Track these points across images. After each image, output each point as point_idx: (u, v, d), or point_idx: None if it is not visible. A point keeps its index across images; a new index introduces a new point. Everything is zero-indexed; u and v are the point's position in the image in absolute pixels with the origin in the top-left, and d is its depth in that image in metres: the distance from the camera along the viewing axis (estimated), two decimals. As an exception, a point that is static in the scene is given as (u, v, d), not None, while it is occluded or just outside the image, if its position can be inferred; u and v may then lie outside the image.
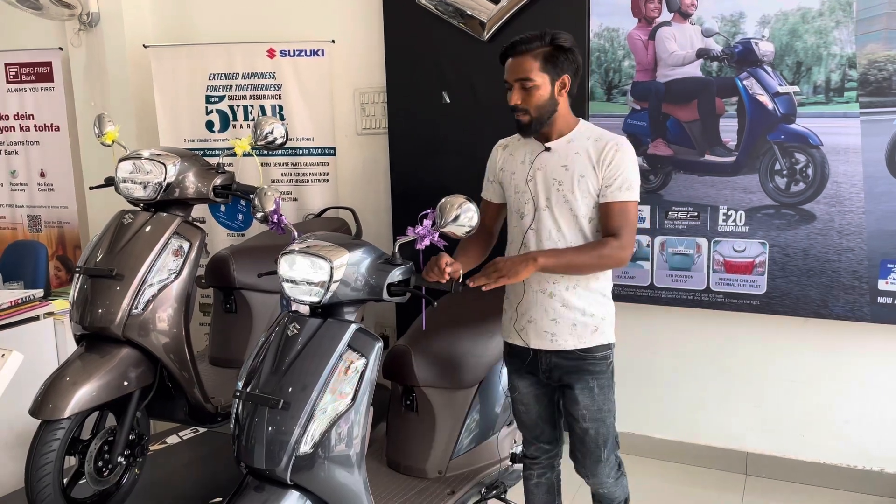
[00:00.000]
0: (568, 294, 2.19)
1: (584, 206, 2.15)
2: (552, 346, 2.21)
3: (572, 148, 2.16)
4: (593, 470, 2.30)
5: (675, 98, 3.16)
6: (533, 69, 2.11)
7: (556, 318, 2.20)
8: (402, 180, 3.74)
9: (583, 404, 2.22)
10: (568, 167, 2.15)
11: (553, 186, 2.17)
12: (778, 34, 2.97)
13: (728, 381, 3.34)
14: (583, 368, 2.21)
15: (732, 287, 3.19)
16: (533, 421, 2.40)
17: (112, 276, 2.49)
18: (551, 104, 2.13)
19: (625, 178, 2.11)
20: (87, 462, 2.44)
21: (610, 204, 2.12)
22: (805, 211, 3.02)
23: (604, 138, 2.15)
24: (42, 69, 4.50)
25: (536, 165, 2.21)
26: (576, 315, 2.19)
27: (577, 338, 2.20)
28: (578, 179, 2.14)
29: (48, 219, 4.68)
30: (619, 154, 2.12)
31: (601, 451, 2.27)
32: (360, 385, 2.08)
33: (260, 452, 2.03)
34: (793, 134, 3.00)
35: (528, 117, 2.15)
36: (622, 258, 2.13)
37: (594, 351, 2.21)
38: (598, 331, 2.21)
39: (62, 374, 2.42)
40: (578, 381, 2.22)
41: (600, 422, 2.24)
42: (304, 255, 2.11)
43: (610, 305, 2.25)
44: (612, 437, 2.29)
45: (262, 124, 2.73)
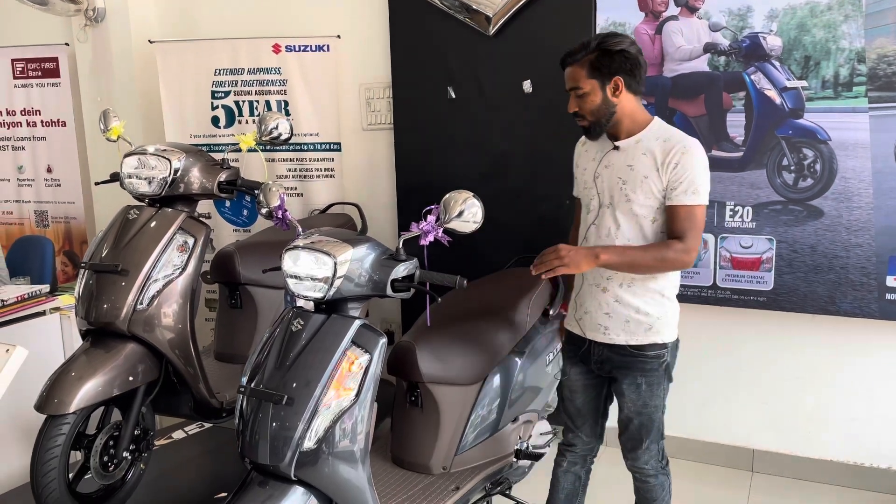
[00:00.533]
0: (621, 291, 2.22)
1: (646, 206, 2.17)
2: (605, 339, 2.27)
3: (640, 148, 2.19)
4: (633, 453, 2.37)
5: (681, 93, 3.14)
6: (581, 77, 2.17)
7: (609, 313, 2.25)
8: (408, 176, 3.74)
9: (628, 398, 2.29)
10: (633, 167, 2.18)
11: (617, 185, 2.21)
12: (786, 28, 2.94)
13: (734, 377, 3.33)
14: (633, 366, 2.25)
15: (739, 283, 3.17)
16: (577, 410, 2.46)
17: (117, 272, 2.49)
18: (606, 107, 2.18)
19: (691, 182, 2.12)
20: (92, 457, 2.45)
21: (675, 207, 2.14)
22: (813, 207, 3.00)
23: (672, 140, 2.16)
24: (48, 65, 4.50)
25: (604, 163, 2.26)
26: (629, 312, 2.22)
27: (629, 334, 2.23)
28: (642, 180, 2.16)
29: (55, 214, 4.70)
30: (685, 157, 2.12)
31: (642, 440, 2.34)
32: (364, 381, 2.07)
33: (264, 448, 2.03)
34: (801, 129, 2.98)
35: (586, 122, 2.22)
36: (685, 262, 2.13)
37: (646, 349, 2.23)
38: (651, 329, 2.23)
39: (67, 369, 2.43)
40: (627, 376, 2.27)
41: (644, 416, 2.30)
42: (307, 251, 2.10)
43: (669, 305, 2.26)
44: (655, 429, 2.33)
45: (267, 120, 2.72)
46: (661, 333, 2.24)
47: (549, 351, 2.95)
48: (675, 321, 2.29)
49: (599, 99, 2.17)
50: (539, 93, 3.36)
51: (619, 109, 2.18)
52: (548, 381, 2.97)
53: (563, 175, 3.34)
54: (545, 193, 3.39)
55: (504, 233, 3.43)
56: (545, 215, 3.43)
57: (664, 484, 2.42)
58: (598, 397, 2.44)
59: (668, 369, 2.29)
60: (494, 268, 3.32)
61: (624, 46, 2.16)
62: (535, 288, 3.00)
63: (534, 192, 3.43)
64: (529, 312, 2.89)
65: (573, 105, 2.22)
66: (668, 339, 2.26)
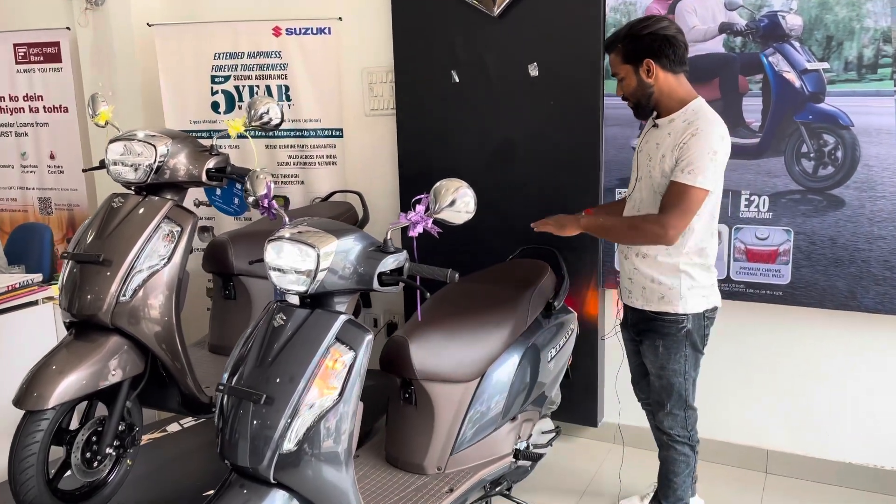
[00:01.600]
0: (637, 261, 2.42)
1: (662, 184, 2.29)
2: (628, 302, 2.52)
3: (667, 129, 2.30)
4: (658, 414, 2.57)
5: (695, 76, 2.91)
6: (616, 64, 2.33)
7: (631, 278, 2.47)
8: (410, 163, 3.61)
9: (649, 359, 2.50)
10: (659, 145, 2.31)
11: (645, 161, 2.38)
12: (806, 6, 2.77)
13: (748, 374, 3.18)
14: (653, 328, 2.44)
15: (754, 276, 3.02)
16: (633, 370, 2.75)
17: (100, 262, 2.41)
18: (643, 88, 2.30)
19: (689, 161, 2.19)
20: (73, 453, 2.37)
21: (671, 183, 2.25)
22: (833, 196, 2.83)
23: (695, 123, 2.23)
24: (50, 49, 4.43)
25: (645, 139, 2.43)
26: (645, 281, 2.41)
27: (644, 300, 2.43)
28: (661, 159, 2.28)
29: (58, 201, 4.64)
30: (694, 138, 2.20)
31: (664, 401, 2.52)
32: (349, 379, 1.98)
33: (244, 448, 1.94)
34: (821, 114, 2.81)
35: (630, 104, 2.38)
36: (657, 234, 2.23)
37: (663, 315, 2.40)
38: (664, 299, 2.38)
39: (48, 362, 2.35)
40: (647, 337, 2.47)
41: (663, 378, 2.47)
42: (291, 243, 2.00)
43: (685, 279, 2.36)
44: (676, 393, 2.48)
45: (257, 104, 2.61)
46: (674, 304, 2.37)
47: (552, 346, 2.82)
48: (696, 294, 2.38)
49: (635, 82, 2.30)
50: (545, 77, 3.21)
51: (657, 89, 2.30)
52: (550, 377, 2.85)
53: (570, 162, 3.22)
54: (551, 182, 3.25)
55: (508, 222, 3.30)
56: (551, 204, 3.27)
57: (688, 460, 2.58)
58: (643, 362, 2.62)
59: (691, 337, 2.41)
60: (498, 258, 3.20)
61: (652, 29, 2.25)
62: (538, 280, 2.88)
63: (540, 181, 3.29)
64: (531, 306, 2.77)
65: (618, 90, 2.38)
66: (682, 310, 2.37)
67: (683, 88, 2.32)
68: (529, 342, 2.71)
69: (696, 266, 2.37)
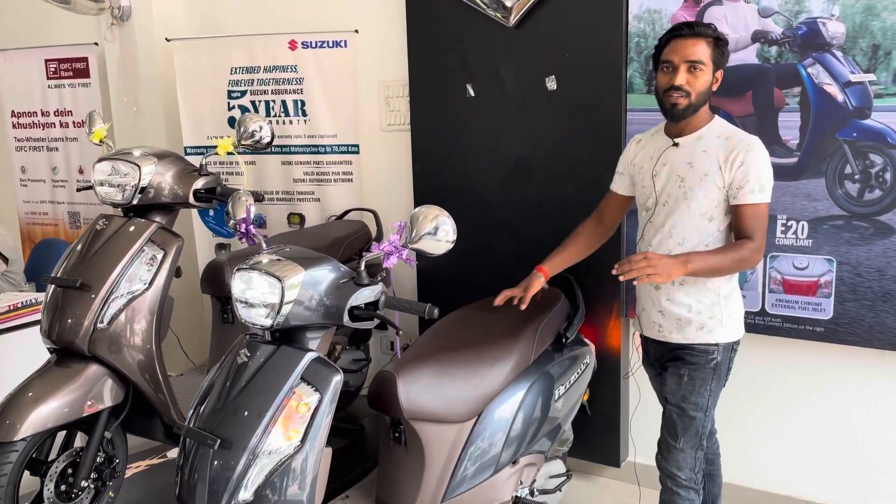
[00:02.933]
0: (674, 289, 2.21)
1: (705, 204, 2.14)
2: (659, 337, 2.30)
3: (700, 145, 2.16)
4: (665, 451, 2.34)
5: (725, 89, 2.69)
6: (705, 54, 2.11)
7: (662, 311, 2.26)
8: (426, 180, 3.44)
9: (669, 387, 2.29)
10: (693, 164, 2.15)
11: (675, 183, 2.19)
12: (850, 12, 2.48)
13: (787, 418, 2.89)
14: (679, 357, 2.26)
15: (792, 310, 2.73)
16: (661, 403, 2.43)
17: (77, 287, 2.31)
18: (707, 93, 2.14)
19: (756, 180, 2.09)
20: (45, 485, 2.28)
21: (742, 207, 2.11)
22: (881, 223, 2.53)
23: (735, 137, 2.13)
24: (79, 65, 4.45)
25: (662, 161, 2.23)
26: (681, 311, 2.21)
27: (681, 333, 2.23)
28: (702, 178, 2.13)
29: (87, 215, 4.65)
30: (750, 155, 2.09)
31: (678, 435, 2.30)
32: (312, 423, 1.82)
33: (202, 493, 1.82)
34: (867, 131, 2.51)
35: (687, 100, 2.11)
36: (756, 260, 2.13)
37: (695, 345, 2.22)
38: (703, 328, 2.20)
39: (24, 389, 2.27)
40: (671, 365, 2.28)
41: (682, 410, 2.27)
42: (259, 273, 1.87)
43: (724, 305, 2.22)
44: (693, 431, 2.28)
45: (247, 122, 2.50)
46: (714, 333, 2.21)
47: (561, 382, 2.60)
48: (735, 322, 2.25)
49: (708, 83, 2.13)
50: (564, 90, 3.00)
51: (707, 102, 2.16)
52: (559, 416, 2.62)
53: (589, 181, 3.00)
54: (570, 201, 3.03)
55: (523, 244, 3.10)
56: (568, 226, 3.06)
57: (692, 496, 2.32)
58: None
59: (718, 370, 2.24)
60: (511, 283, 2.98)
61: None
62: (548, 310, 2.67)
63: (557, 200, 3.08)
64: (539, 337, 2.56)
65: (682, 78, 2.10)
66: (720, 339, 2.21)
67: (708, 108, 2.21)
68: (535, 378, 2.50)
69: (734, 290, 2.25)
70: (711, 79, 2.13)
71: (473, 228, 3.16)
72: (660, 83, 2.16)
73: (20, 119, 4.71)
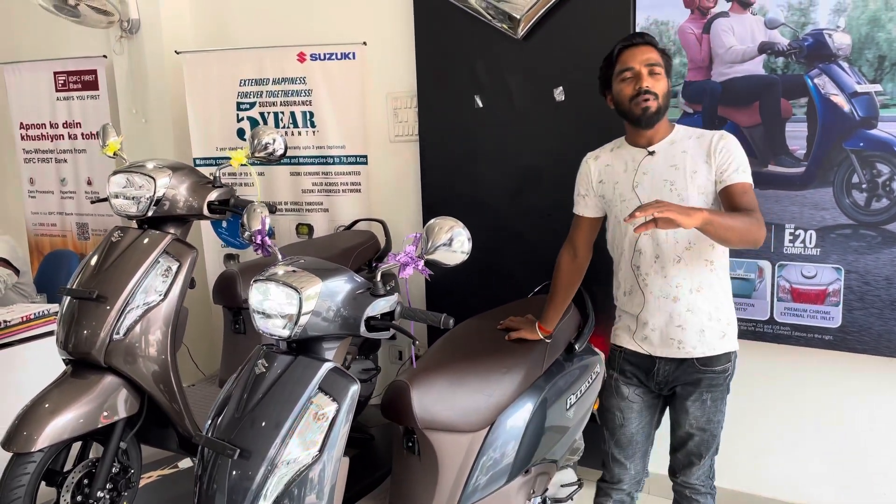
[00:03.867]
0: (693, 297, 2.13)
1: (700, 202, 2.10)
2: (678, 355, 2.16)
3: (677, 148, 2.15)
4: (688, 470, 2.29)
5: (733, 99, 2.75)
6: (657, 58, 2.12)
7: (681, 325, 2.14)
8: (434, 191, 3.47)
9: (692, 415, 2.21)
10: (678, 166, 2.13)
11: (664, 187, 2.13)
12: (856, 24, 2.51)
13: (796, 426, 2.90)
14: (700, 382, 2.17)
15: (801, 318, 2.75)
16: (629, 438, 2.32)
17: (94, 299, 2.34)
18: (668, 98, 2.14)
19: (739, 161, 2.09)
20: (62, 496, 2.30)
21: (732, 186, 2.08)
22: (889, 232, 2.55)
23: (706, 133, 2.16)
24: (88, 77, 4.49)
25: (642, 170, 2.18)
26: (702, 320, 2.13)
27: (705, 344, 2.14)
28: (692, 176, 2.11)
29: (95, 227, 4.68)
30: (724, 140, 2.11)
31: (702, 456, 2.26)
32: (330, 433, 1.83)
33: (221, 503, 1.81)
34: (874, 141, 2.54)
35: (656, 103, 2.10)
36: (763, 235, 2.02)
37: (714, 363, 2.15)
38: (725, 336, 2.16)
39: (40, 401, 2.29)
40: (692, 393, 2.19)
41: (706, 431, 2.22)
42: (276, 284, 1.89)
43: (733, 309, 2.21)
44: (716, 444, 2.26)
45: (261, 134, 2.53)
46: (733, 340, 2.18)
47: (572, 392, 2.61)
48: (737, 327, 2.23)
49: (668, 87, 2.14)
50: (571, 101, 3.03)
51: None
52: (571, 424, 2.64)
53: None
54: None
55: (533, 254, 3.12)
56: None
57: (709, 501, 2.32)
58: (652, 421, 2.34)
59: (729, 380, 2.22)
60: (521, 294, 3.01)
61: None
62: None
63: (565, 209, 3.06)
64: (550, 348, 2.58)
65: (648, 81, 2.09)
66: (737, 346, 2.20)
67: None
68: (546, 388, 2.51)
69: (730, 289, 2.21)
70: (668, 83, 2.14)
71: (482, 238, 3.16)
72: (624, 93, 2.12)
73: (29, 131, 4.74)
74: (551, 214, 3.15)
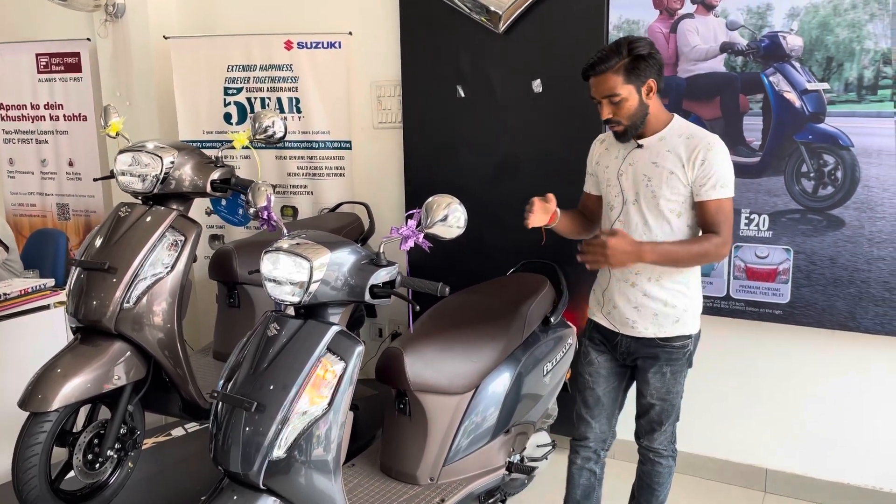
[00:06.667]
0: (649, 285, 2.27)
1: (672, 202, 2.21)
2: (633, 333, 2.33)
3: (664, 145, 2.23)
4: (650, 435, 2.45)
5: (696, 94, 3.00)
6: (617, 84, 2.16)
7: (637, 307, 2.30)
8: (416, 176, 3.66)
9: (653, 386, 2.37)
10: (658, 164, 2.22)
11: (643, 182, 2.25)
12: (807, 27, 2.78)
13: (748, 393, 3.18)
14: (659, 356, 2.32)
15: (754, 295, 3.02)
16: (596, 398, 2.48)
17: (105, 269, 2.48)
18: (642, 110, 2.20)
19: (719, 177, 2.16)
20: (75, 454, 2.44)
21: (706, 203, 2.19)
22: (833, 216, 2.83)
23: (696, 136, 2.21)
24: (71, 59, 4.54)
25: (628, 161, 2.29)
26: (657, 305, 2.28)
27: (657, 327, 2.29)
28: (668, 176, 2.20)
29: (76, 207, 4.75)
30: (710, 153, 2.16)
31: (662, 423, 2.42)
32: (338, 389, 2.02)
33: (235, 455, 1.99)
34: (821, 134, 2.81)
35: (622, 127, 2.22)
36: (723, 254, 2.22)
37: (673, 340, 2.30)
38: (679, 322, 2.29)
39: (53, 365, 2.42)
40: (652, 365, 2.34)
41: (666, 401, 2.38)
42: (287, 254, 2.06)
43: (694, 298, 2.33)
44: (675, 412, 2.42)
45: (262, 118, 2.68)
46: (687, 325, 2.31)
47: (548, 360, 2.85)
48: (699, 313, 2.37)
49: (636, 103, 2.18)
50: (548, 93, 3.25)
51: (650, 110, 2.22)
52: (546, 390, 2.87)
53: (573, 178, 3.24)
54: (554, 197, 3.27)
55: (511, 236, 3.33)
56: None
57: (671, 469, 2.50)
58: (619, 387, 2.49)
59: (690, 357, 2.38)
60: (500, 272, 3.23)
61: (651, 50, 2.19)
62: (536, 295, 2.91)
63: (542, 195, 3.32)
64: (528, 320, 2.80)
65: (608, 112, 2.20)
66: (692, 330, 2.34)
67: (663, 108, 2.27)
68: (525, 356, 2.74)
69: (697, 283, 2.35)
70: (638, 97, 2.17)
71: (463, 220, 3.38)
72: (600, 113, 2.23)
73: (9, 111, 4.78)
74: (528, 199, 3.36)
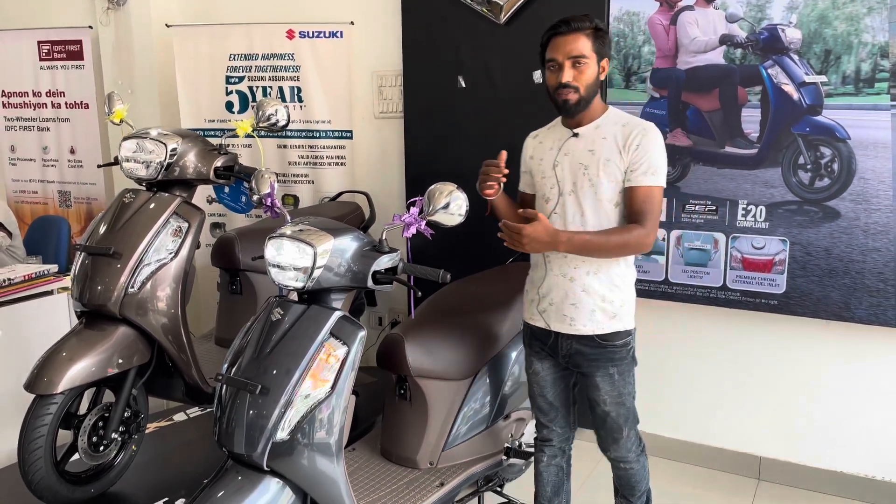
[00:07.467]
0: (589, 279, 2.19)
1: (610, 190, 2.15)
2: (571, 331, 2.23)
3: (600, 133, 2.18)
4: (615, 445, 2.35)
5: (695, 86, 3.03)
6: (586, 47, 2.11)
7: (575, 303, 2.21)
8: (417, 165, 3.70)
9: (604, 390, 2.26)
10: (594, 151, 2.16)
11: (579, 171, 2.18)
12: (806, 20, 2.81)
13: (744, 382, 3.22)
14: (603, 357, 2.23)
15: (750, 285, 3.06)
16: (548, 404, 2.42)
17: (110, 255, 2.51)
18: (596, 85, 2.15)
19: (650, 164, 2.12)
20: (80, 437, 2.47)
21: (635, 188, 2.13)
22: (829, 208, 2.87)
23: (632, 123, 2.17)
24: (73, 47, 4.56)
25: (563, 151, 2.23)
26: (595, 301, 2.20)
27: (595, 324, 2.21)
28: (604, 163, 2.14)
29: (77, 195, 4.77)
30: (645, 139, 2.12)
31: (622, 429, 2.32)
32: (341, 373, 2.05)
33: (240, 437, 2.02)
34: (819, 126, 2.85)
35: (577, 95, 2.13)
36: (645, 245, 2.14)
37: (613, 338, 2.22)
38: (616, 317, 2.21)
39: (59, 349, 2.45)
40: (599, 369, 2.24)
41: (621, 405, 2.28)
42: (290, 240, 2.08)
43: (630, 293, 2.25)
44: (632, 416, 2.33)
45: (265, 106, 2.70)
46: (624, 320, 2.23)
47: (546, 348, 2.88)
48: (633, 308, 2.28)
49: (595, 74, 2.14)
50: (549, 83, 3.28)
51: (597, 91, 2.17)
52: (545, 378, 2.91)
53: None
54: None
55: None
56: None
57: (644, 464, 2.44)
58: (568, 388, 2.42)
59: (633, 352, 2.30)
60: (499, 261, 3.26)
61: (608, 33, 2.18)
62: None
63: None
64: (526, 308, 2.83)
65: (569, 75, 2.11)
66: (630, 325, 2.26)
67: (601, 98, 2.23)
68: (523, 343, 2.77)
69: (633, 276, 2.27)
70: (597, 69, 2.13)
71: (463, 210, 3.41)
72: (549, 82, 2.16)
73: (10, 99, 4.80)
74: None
